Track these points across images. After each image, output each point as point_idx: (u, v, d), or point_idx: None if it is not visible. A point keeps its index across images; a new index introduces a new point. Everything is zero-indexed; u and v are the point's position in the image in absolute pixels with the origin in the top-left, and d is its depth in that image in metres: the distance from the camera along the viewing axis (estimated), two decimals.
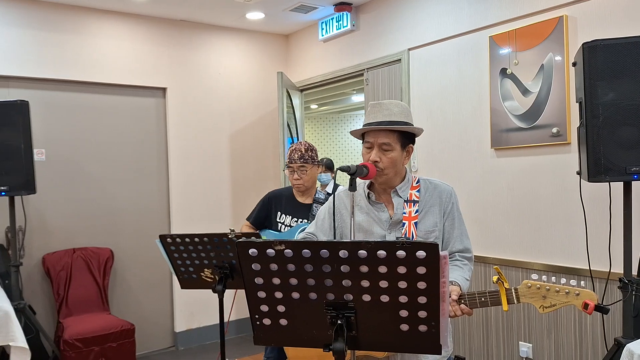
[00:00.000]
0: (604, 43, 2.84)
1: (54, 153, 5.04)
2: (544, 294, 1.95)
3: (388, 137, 2.11)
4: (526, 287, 1.97)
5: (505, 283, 1.97)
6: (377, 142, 2.12)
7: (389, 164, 2.12)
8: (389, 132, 2.11)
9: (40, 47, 4.90)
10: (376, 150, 2.12)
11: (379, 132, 2.12)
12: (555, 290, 1.93)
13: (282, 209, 3.56)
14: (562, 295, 1.93)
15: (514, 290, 1.98)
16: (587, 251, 3.36)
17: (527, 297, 1.97)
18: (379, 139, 2.11)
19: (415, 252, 1.41)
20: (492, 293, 1.99)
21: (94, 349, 4.44)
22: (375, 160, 2.10)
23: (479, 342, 4.34)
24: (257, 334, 1.63)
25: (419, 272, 1.44)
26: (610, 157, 2.83)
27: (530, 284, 1.97)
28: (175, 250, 2.80)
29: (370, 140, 2.14)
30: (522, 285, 1.98)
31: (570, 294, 1.92)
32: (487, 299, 1.99)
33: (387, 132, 2.11)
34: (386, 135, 2.11)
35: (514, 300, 1.97)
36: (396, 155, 2.12)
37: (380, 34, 5.10)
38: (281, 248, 1.48)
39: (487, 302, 1.99)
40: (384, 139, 2.11)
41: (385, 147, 2.11)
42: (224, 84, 5.94)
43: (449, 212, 2.20)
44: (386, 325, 1.53)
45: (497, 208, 4.17)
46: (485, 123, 4.20)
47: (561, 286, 1.93)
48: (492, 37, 4.11)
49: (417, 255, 1.42)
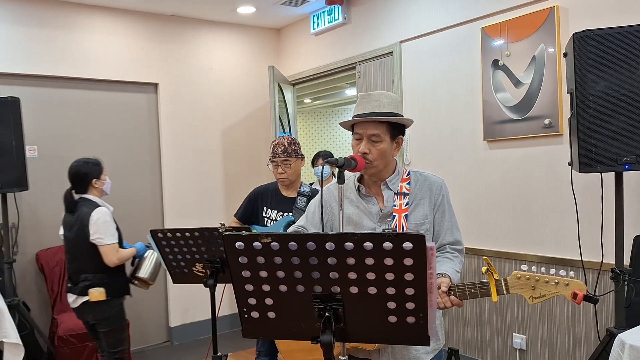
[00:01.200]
0: (594, 33, 2.83)
1: (46, 149, 5.01)
2: (534, 284, 1.95)
3: (377, 128, 2.09)
4: (515, 278, 1.97)
5: (495, 274, 1.97)
6: (366, 134, 2.10)
7: (378, 155, 2.10)
8: (378, 124, 2.10)
9: (31, 43, 4.87)
10: (365, 141, 2.10)
11: (368, 124, 2.10)
12: (545, 281, 1.93)
13: (268, 204, 3.56)
14: (551, 286, 1.93)
15: (503, 282, 1.98)
16: (579, 242, 3.37)
17: (516, 288, 1.97)
18: (368, 130, 2.10)
19: (402, 244, 1.40)
20: (481, 284, 1.99)
21: (88, 344, 4.44)
22: (365, 152, 2.09)
23: (473, 334, 4.35)
24: (246, 327, 1.62)
25: (406, 264, 1.43)
26: (601, 148, 2.83)
27: (519, 275, 1.97)
28: (167, 245, 2.79)
29: (360, 132, 2.12)
30: (511, 276, 1.98)
31: (559, 285, 1.92)
32: (476, 290, 1.99)
33: (377, 124, 2.10)
34: (375, 127, 2.09)
35: (503, 291, 1.97)
36: (386, 147, 2.11)
37: (371, 26, 5.09)
38: (268, 241, 1.47)
39: (476, 293, 1.99)
40: (373, 130, 2.09)
41: (374, 139, 2.09)
42: (216, 78, 5.92)
43: (439, 204, 2.19)
44: (374, 317, 1.52)
45: (489, 200, 4.17)
46: (478, 115, 4.19)
47: (550, 276, 1.93)
48: (483, 28, 4.10)
49: (404, 247, 1.40)
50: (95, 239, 3.56)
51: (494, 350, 4.21)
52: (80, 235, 3.57)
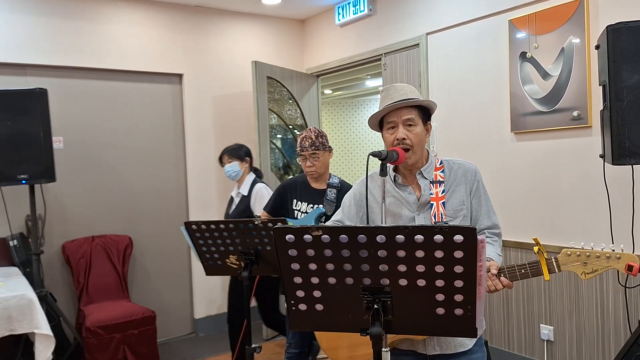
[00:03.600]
0: (628, 25, 2.81)
1: (72, 141, 5.06)
2: (585, 260, 1.95)
3: (410, 112, 2.14)
4: (566, 255, 1.97)
5: (545, 253, 1.98)
6: (401, 120, 2.14)
7: (416, 139, 2.14)
8: (410, 108, 2.15)
9: (57, 34, 4.91)
10: (401, 127, 2.14)
11: (401, 110, 2.14)
12: (596, 256, 1.94)
13: (297, 196, 3.57)
14: (603, 260, 1.93)
15: (554, 260, 1.99)
16: (611, 233, 3.36)
17: (567, 265, 1.97)
18: (402, 115, 2.14)
19: (452, 237, 1.41)
20: (531, 264, 2.00)
21: (115, 336, 4.48)
22: (403, 138, 2.12)
23: (500, 326, 4.35)
24: (293, 319, 1.64)
25: (456, 256, 1.44)
26: (634, 140, 2.81)
27: (569, 252, 1.97)
28: (201, 237, 2.81)
29: (394, 119, 2.16)
30: (561, 253, 1.98)
31: (611, 258, 1.92)
32: (527, 270, 2.00)
33: (409, 108, 2.15)
34: (409, 111, 2.14)
35: (554, 269, 1.98)
36: (420, 131, 2.16)
37: (397, 18, 5.07)
38: (318, 234, 1.49)
39: (527, 273, 2.00)
40: (407, 114, 2.14)
41: (409, 122, 2.14)
42: (240, 69, 5.93)
43: (475, 190, 2.23)
44: (422, 309, 1.54)
45: (517, 192, 4.16)
46: (505, 107, 4.18)
47: (601, 251, 1.94)
48: (511, 20, 4.07)
49: (455, 240, 1.42)
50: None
51: (521, 342, 4.21)
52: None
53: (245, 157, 4.39)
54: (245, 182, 4.34)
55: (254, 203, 4.19)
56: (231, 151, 4.42)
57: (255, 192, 4.21)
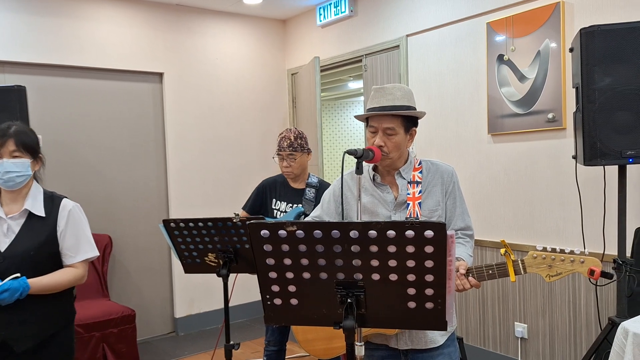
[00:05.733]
0: (601, 28, 2.88)
1: (51, 139, 5.03)
2: (550, 263, 2.01)
3: (392, 121, 2.15)
4: (532, 258, 2.03)
5: (512, 255, 2.04)
6: (381, 127, 2.16)
7: (393, 147, 2.16)
8: (392, 117, 2.15)
9: (36, 32, 4.88)
10: (380, 134, 2.16)
11: (383, 117, 2.16)
12: (561, 260, 1.99)
13: (277, 196, 3.60)
14: (567, 264, 1.99)
15: (520, 262, 2.04)
16: (582, 233, 3.43)
17: (533, 267, 2.03)
18: (383, 123, 2.16)
19: (423, 232, 1.46)
20: (499, 265, 2.05)
21: (95, 334, 4.47)
22: (380, 145, 2.15)
23: (475, 323, 4.41)
24: (268, 313, 1.67)
25: (426, 251, 1.48)
26: (605, 142, 2.88)
27: (535, 255, 2.03)
28: (179, 235, 2.82)
29: (375, 125, 2.18)
30: (528, 256, 2.04)
31: (575, 262, 1.98)
32: (494, 271, 2.05)
33: (391, 117, 2.15)
34: (390, 120, 2.15)
35: (520, 271, 2.04)
36: (400, 140, 2.17)
37: (378, 19, 5.12)
38: (293, 229, 1.52)
39: (494, 274, 2.05)
40: (387, 124, 2.15)
41: (389, 132, 2.15)
42: (221, 69, 5.95)
43: (451, 192, 2.27)
44: (394, 303, 1.58)
45: (493, 192, 4.23)
46: (482, 109, 4.25)
47: (566, 255, 1.99)
48: (489, 23, 4.14)
49: (425, 235, 1.46)
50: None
51: (496, 339, 4.28)
52: None
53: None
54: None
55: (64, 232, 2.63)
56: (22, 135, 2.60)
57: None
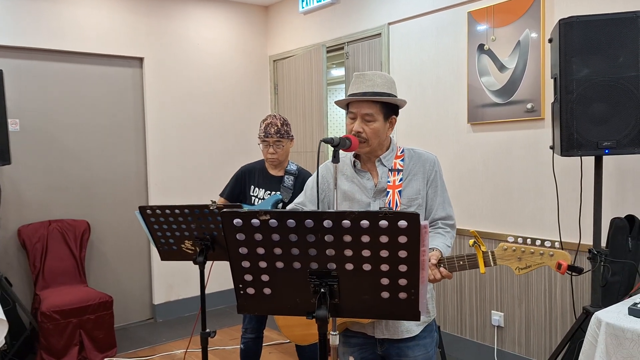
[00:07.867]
0: (580, 20, 2.89)
1: (29, 123, 4.96)
2: (520, 255, 2.02)
3: (371, 107, 2.15)
4: (502, 250, 2.04)
5: (482, 246, 2.04)
6: (360, 113, 2.15)
7: (372, 134, 2.16)
8: (371, 103, 2.15)
9: (14, 15, 4.79)
10: (359, 120, 2.16)
11: (362, 103, 2.15)
12: (530, 252, 2.01)
13: (255, 183, 3.57)
14: (536, 257, 2.00)
15: (490, 253, 2.05)
16: (559, 223, 3.46)
17: (503, 260, 2.04)
18: (362, 109, 2.15)
19: (397, 222, 1.45)
20: (469, 257, 2.06)
21: (72, 320, 4.44)
22: (359, 131, 2.14)
23: (453, 312, 4.45)
24: (241, 302, 1.66)
25: (400, 241, 1.48)
26: (582, 133, 2.90)
27: (506, 247, 2.03)
28: (155, 221, 2.79)
29: (354, 111, 2.17)
30: (498, 248, 2.04)
31: (544, 255, 1.99)
32: (465, 262, 2.06)
33: (370, 103, 2.15)
34: (369, 106, 2.15)
35: (490, 263, 2.04)
36: (379, 126, 2.16)
37: (360, 7, 5.09)
38: (266, 218, 1.51)
39: (465, 265, 2.05)
40: (366, 109, 2.14)
41: (368, 118, 2.15)
42: (203, 54, 5.89)
43: (432, 180, 2.25)
44: (367, 293, 1.57)
45: (472, 181, 4.25)
46: (463, 98, 4.25)
47: (536, 247, 2.00)
48: (470, 12, 4.14)
49: (399, 225, 1.45)
50: None
51: (473, 327, 4.32)
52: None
53: None
54: None
55: None
56: None
57: None
